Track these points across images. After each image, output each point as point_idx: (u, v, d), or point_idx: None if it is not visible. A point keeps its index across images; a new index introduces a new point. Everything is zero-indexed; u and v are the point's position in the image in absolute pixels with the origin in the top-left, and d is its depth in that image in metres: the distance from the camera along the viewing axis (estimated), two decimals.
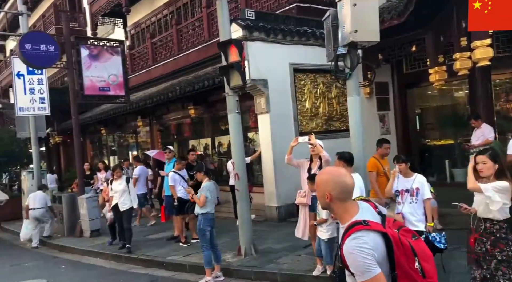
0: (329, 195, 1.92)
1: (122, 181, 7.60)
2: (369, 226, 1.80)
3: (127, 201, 7.56)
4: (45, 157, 23.18)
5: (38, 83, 11.10)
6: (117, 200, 7.53)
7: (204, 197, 5.70)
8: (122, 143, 17.14)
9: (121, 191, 7.52)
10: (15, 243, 10.27)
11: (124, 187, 7.54)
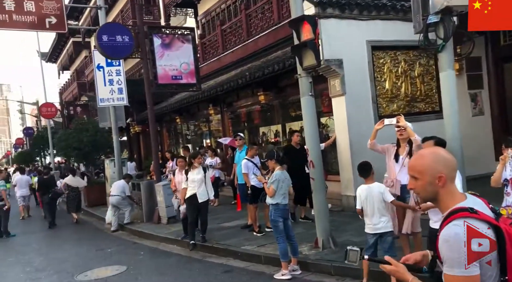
0: (443, 177, 1.61)
1: (200, 170, 7.05)
2: (477, 215, 1.50)
3: (205, 192, 7.08)
4: (127, 145, 24.47)
5: (117, 75, 11.43)
6: (194, 191, 6.99)
7: (273, 188, 5.34)
8: (196, 131, 17.38)
9: (199, 181, 7.00)
10: (99, 228, 10.77)
11: (202, 177, 7.02)
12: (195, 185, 6.97)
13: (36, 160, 31.27)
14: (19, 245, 9.38)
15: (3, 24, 10.24)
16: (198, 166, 7.04)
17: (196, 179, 6.96)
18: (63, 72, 42.77)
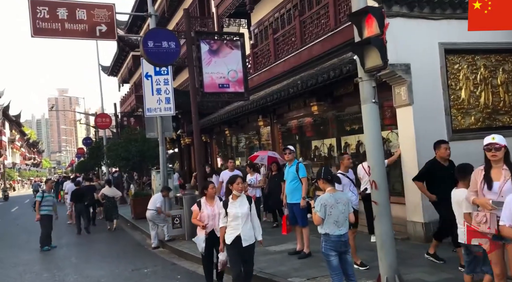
0: None
1: (243, 200, 5.02)
2: None
3: (251, 231, 5.03)
4: (178, 157, 24.32)
5: (164, 84, 10.98)
6: (238, 231, 4.93)
7: (318, 216, 4.35)
8: (246, 143, 16.67)
9: (244, 217, 4.96)
10: (141, 243, 10.21)
11: (247, 210, 4.99)
12: (239, 222, 4.95)
13: (95, 169, 32.16)
14: (59, 258, 9.00)
15: (55, 33, 10.12)
16: (239, 194, 5.00)
17: (240, 213, 4.94)
18: (123, 85, 44.25)
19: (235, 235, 4.93)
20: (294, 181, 6.70)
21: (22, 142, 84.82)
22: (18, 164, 76.10)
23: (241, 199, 5.02)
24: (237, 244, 4.93)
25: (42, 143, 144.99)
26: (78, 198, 12.98)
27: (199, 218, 5.63)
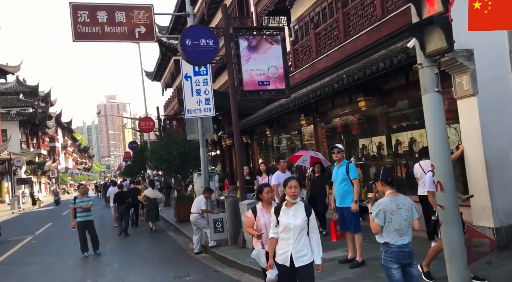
0: None
1: (300, 208, 4.05)
2: None
3: (307, 249, 4.01)
4: (220, 159, 24.14)
5: (204, 84, 10.68)
6: (289, 247, 3.94)
7: (377, 223, 3.76)
8: (288, 144, 16.12)
9: (299, 228, 3.97)
10: (184, 247, 9.93)
11: (303, 222, 3.98)
12: (290, 236, 3.96)
13: (141, 172, 32.75)
14: (102, 264, 8.87)
15: (95, 36, 10.06)
16: (294, 200, 4.02)
17: (293, 225, 3.94)
18: (166, 89, 45.04)
19: (285, 251, 3.97)
20: (344, 182, 6.09)
21: (74, 148, 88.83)
22: (70, 169, 79.69)
23: (296, 207, 4.03)
24: (287, 264, 3.96)
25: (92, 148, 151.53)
26: (119, 200, 13.49)
27: (255, 227, 4.67)
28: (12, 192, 35.56)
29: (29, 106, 45.94)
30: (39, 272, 8.54)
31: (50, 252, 10.78)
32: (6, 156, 34.00)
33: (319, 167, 8.95)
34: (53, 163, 56.67)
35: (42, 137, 52.66)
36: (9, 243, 13.00)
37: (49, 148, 59.11)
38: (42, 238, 13.98)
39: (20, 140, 44.21)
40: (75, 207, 9.69)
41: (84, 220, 9.72)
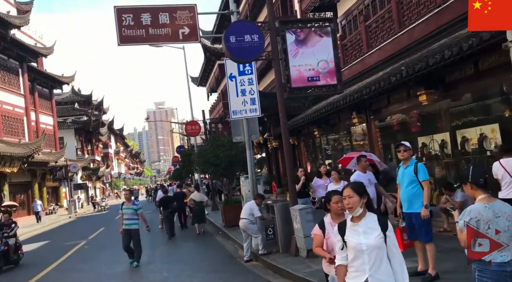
0: None
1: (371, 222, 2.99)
2: None
3: (389, 276, 2.92)
4: (266, 162, 23.64)
5: (249, 84, 10.19)
6: (365, 275, 2.90)
7: (465, 234, 3.00)
8: (337, 145, 15.30)
9: (375, 249, 2.92)
10: (233, 254, 9.43)
11: (379, 241, 2.93)
12: (364, 260, 2.91)
13: (189, 176, 32.95)
14: (151, 271, 8.55)
15: (140, 39, 9.89)
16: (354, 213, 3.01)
17: (366, 245, 2.91)
18: (211, 94, 45.36)
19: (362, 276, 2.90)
20: (412, 185, 5.31)
21: (126, 153, 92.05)
22: (123, 174, 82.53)
23: (366, 221, 2.97)
24: None
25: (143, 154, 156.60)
26: (164, 204, 13.70)
27: (324, 247, 3.65)
28: (69, 197, 37.03)
29: (84, 115, 47.88)
30: (88, 280, 8.38)
31: (100, 258, 10.70)
32: (63, 162, 35.49)
33: (372, 169, 8.07)
34: (107, 169, 58.81)
35: (96, 144, 54.77)
36: (64, 248, 13.16)
37: (103, 154, 61.45)
38: (94, 243, 14.08)
39: (76, 147, 46.13)
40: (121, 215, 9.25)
41: (128, 228, 9.03)
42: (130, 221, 9.07)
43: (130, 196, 9.46)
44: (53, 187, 37.44)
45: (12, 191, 27.63)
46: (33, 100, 33.87)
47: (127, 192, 9.92)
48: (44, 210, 33.26)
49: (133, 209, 9.14)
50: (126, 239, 9.05)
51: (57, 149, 37.06)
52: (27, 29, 39.32)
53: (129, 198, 9.35)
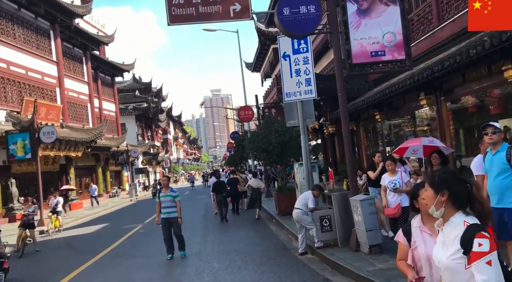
0: None
1: (457, 228, 2.00)
2: None
3: None
4: (322, 148, 22.68)
5: (304, 63, 9.41)
6: None
7: None
8: (400, 130, 14.05)
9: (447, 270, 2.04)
10: (287, 245, 8.82)
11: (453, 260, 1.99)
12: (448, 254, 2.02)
13: (243, 162, 32.79)
14: (201, 260, 8.15)
15: (190, 18, 9.40)
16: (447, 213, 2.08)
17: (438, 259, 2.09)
18: (265, 80, 44.74)
19: None
20: (505, 174, 4.32)
21: (184, 139, 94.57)
22: (181, 159, 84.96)
23: (450, 228, 2.05)
24: None
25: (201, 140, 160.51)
26: (217, 189, 14.05)
27: (409, 260, 2.59)
28: (130, 181, 38.47)
29: (144, 102, 49.38)
30: (139, 266, 8.18)
31: (152, 244, 10.53)
32: (125, 148, 36.83)
33: (437, 157, 6.54)
34: (166, 154, 60.62)
35: (155, 130, 56.51)
36: (121, 231, 13.32)
37: (162, 139, 63.38)
38: (149, 227, 14.12)
39: (137, 133, 47.81)
40: None
41: (167, 217, 8.40)
42: (169, 209, 8.44)
43: (168, 183, 8.79)
44: (116, 171, 39.06)
45: (77, 174, 29.03)
46: (96, 88, 35.28)
47: (164, 178, 9.11)
48: (108, 193, 34.87)
49: (171, 196, 8.48)
50: (167, 229, 8.43)
51: (119, 134, 38.51)
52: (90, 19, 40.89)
53: (167, 185, 8.68)
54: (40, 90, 25.26)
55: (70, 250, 11.35)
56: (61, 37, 28.11)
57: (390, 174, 7.13)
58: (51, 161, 24.54)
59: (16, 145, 17.90)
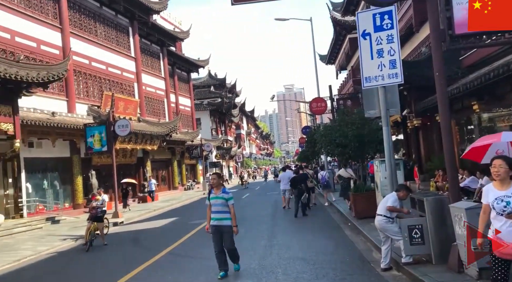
0: None
1: None
2: None
3: None
4: (403, 144, 20.55)
5: (388, 42, 7.89)
6: None
7: None
8: (502, 124, 11.77)
9: None
10: (365, 256, 7.46)
11: None
12: None
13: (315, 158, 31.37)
14: (265, 268, 7.14)
15: None
16: None
17: None
18: (340, 72, 42.68)
19: None
20: None
21: (257, 134, 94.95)
22: (254, 154, 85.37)
23: None
24: None
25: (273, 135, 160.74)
26: (293, 184, 13.90)
27: None
28: (204, 174, 38.99)
29: (218, 97, 49.94)
30: (198, 271, 7.38)
31: None
32: (199, 142, 37.33)
33: None
34: (239, 149, 60.99)
35: (229, 125, 57.02)
36: (188, 227, 12.86)
37: (235, 134, 63.92)
38: None
39: (211, 127, 48.53)
40: None
41: (217, 224, 6.58)
42: (220, 215, 6.59)
43: (219, 182, 6.78)
44: (191, 164, 39.84)
45: (154, 167, 29.83)
46: (173, 83, 36.07)
47: (214, 176, 6.87)
48: (183, 185, 35.59)
49: (223, 199, 6.59)
50: (218, 240, 6.61)
51: (194, 128, 39.16)
52: (168, 16, 41.93)
53: (217, 184, 6.73)
54: (119, 85, 26.16)
55: (135, 245, 11.04)
56: (139, 33, 28.95)
57: (498, 184, 4.02)
58: (129, 153, 25.31)
59: (94, 138, 18.45)
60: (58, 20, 20.95)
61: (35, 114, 17.34)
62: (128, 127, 18.56)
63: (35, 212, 17.73)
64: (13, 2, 18.32)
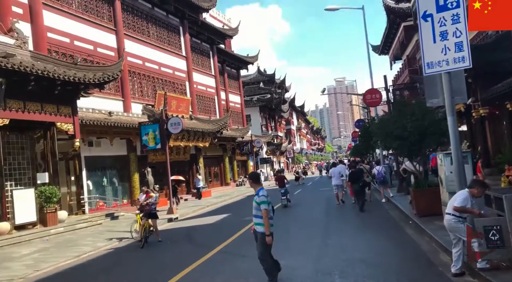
0: None
1: None
2: None
3: None
4: (467, 136, 19.02)
5: (453, 23, 7.05)
6: None
7: None
8: None
9: None
10: (431, 258, 6.76)
11: None
12: None
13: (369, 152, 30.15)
14: (320, 271, 6.68)
15: None
16: None
17: None
18: (394, 62, 40.82)
19: None
20: None
21: (307, 129, 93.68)
22: (305, 149, 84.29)
23: None
24: None
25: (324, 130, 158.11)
26: (353, 179, 13.79)
27: None
28: (255, 170, 38.94)
29: (267, 93, 49.68)
30: (249, 271, 7.05)
31: None
32: (249, 138, 37.32)
33: None
34: (289, 144, 60.40)
35: (279, 120, 56.60)
36: (239, 224, 12.64)
37: (285, 130, 63.34)
38: None
39: (261, 124, 48.39)
40: None
41: (254, 228, 5.98)
42: (255, 219, 5.90)
43: (251, 184, 6.10)
44: (242, 160, 39.96)
45: (206, 164, 30.17)
46: (223, 80, 36.28)
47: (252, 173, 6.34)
48: (235, 181, 35.78)
49: (255, 202, 5.86)
50: (263, 249, 5.89)
51: (244, 125, 39.20)
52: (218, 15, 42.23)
53: (252, 186, 6.05)
54: (171, 84, 26.65)
55: (188, 242, 11.00)
56: (189, 32, 29.30)
57: None
58: (182, 151, 25.73)
59: (148, 136, 18.83)
60: (112, 23, 21.64)
61: (93, 114, 18.02)
62: (180, 125, 18.76)
63: (95, 208, 18.46)
64: (72, 8, 19.13)
